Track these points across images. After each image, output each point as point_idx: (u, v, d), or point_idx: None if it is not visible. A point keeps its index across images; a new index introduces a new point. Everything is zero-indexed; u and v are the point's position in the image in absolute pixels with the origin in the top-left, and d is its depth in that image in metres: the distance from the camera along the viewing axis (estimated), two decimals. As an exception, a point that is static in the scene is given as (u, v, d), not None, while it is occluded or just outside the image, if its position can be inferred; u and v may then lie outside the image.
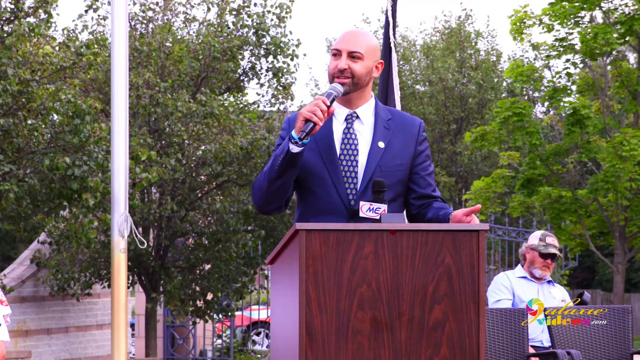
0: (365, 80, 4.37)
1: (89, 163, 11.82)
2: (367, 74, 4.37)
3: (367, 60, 4.36)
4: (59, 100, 11.79)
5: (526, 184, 18.89)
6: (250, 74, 16.59)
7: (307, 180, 4.36)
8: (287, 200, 4.43)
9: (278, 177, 4.28)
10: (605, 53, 18.65)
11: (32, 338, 15.92)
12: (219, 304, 16.68)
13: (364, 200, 4.29)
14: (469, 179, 30.25)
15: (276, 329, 4.25)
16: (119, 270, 5.94)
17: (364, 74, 4.36)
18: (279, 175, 4.28)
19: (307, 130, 4.19)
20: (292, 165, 4.25)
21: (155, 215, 15.18)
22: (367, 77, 4.38)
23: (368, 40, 4.39)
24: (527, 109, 18.56)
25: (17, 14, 12.10)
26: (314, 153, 4.34)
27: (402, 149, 4.38)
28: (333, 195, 4.33)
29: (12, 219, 12.48)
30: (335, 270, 3.80)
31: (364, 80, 4.37)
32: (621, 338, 7.71)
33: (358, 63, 4.35)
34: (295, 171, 4.30)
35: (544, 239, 8.29)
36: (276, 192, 4.33)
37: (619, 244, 19.11)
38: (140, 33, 15.79)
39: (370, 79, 4.40)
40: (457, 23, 31.50)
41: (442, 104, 30.61)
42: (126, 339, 5.99)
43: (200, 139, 15.42)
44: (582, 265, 30.28)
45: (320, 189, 4.35)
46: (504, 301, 8.11)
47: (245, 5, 16.21)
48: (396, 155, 4.36)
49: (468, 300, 3.85)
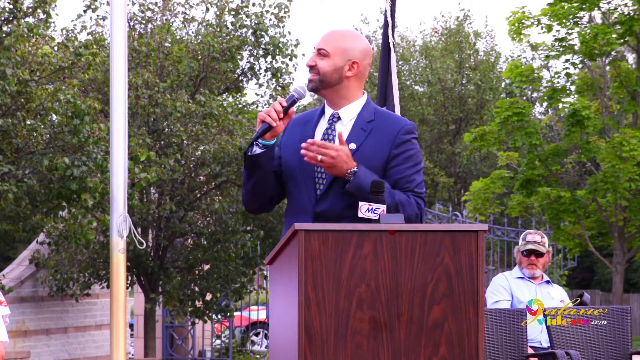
0: (333, 78, 4.39)
1: (88, 163, 11.81)
2: (334, 72, 4.38)
3: (334, 58, 4.38)
4: (57, 100, 11.78)
5: (525, 184, 18.88)
6: (249, 74, 16.58)
7: (287, 181, 4.45)
8: (271, 200, 4.49)
9: (248, 178, 4.40)
10: (605, 53, 18.66)
11: (30, 338, 15.91)
12: (217, 305, 16.68)
13: (325, 201, 4.32)
14: (467, 179, 30.27)
15: (275, 329, 4.25)
16: (118, 271, 5.94)
17: (330, 72, 4.38)
18: (248, 177, 4.40)
19: (260, 132, 4.30)
20: (256, 166, 4.36)
21: (154, 215, 15.17)
22: (335, 75, 4.39)
23: (342, 39, 4.42)
24: (526, 109, 18.56)
25: (15, 14, 12.09)
26: (297, 154, 4.38)
27: (375, 152, 4.35)
28: (302, 195, 4.38)
29: (11, 220, 12.48)
30: (334, 271, 3.80)
31: (331, 77, 4.38)
32: (620, 338, 7.71)
33: (324, 60, 4.39)
34: (264, 172, 4.38)
35: (525, 237, 8.30)
36: (253, 192, 4.43)
37: (617, 244, 19.11)
38: (139, 33, 15.79)
39: (342, 78, 4.40)
40: (455, 24, 31.52)
41: (441, 104, 30.62)
42: (125, 339, 5.99)
43: (199, 139, 15.41)
44: (581, 265, 30.29)
45: (295, 190, 4.42)
46: (502, 302, 8.11)
47: (244, 5, 16.21)
48: (366, 157, 4.33)
49: (467, 301, 3.85)
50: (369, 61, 4.47)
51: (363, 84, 4.50)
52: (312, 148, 4.26)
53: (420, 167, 4.39)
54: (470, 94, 30.61)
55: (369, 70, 4.59)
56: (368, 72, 4.52)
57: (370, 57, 4.47)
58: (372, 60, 4.55)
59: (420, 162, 4.40)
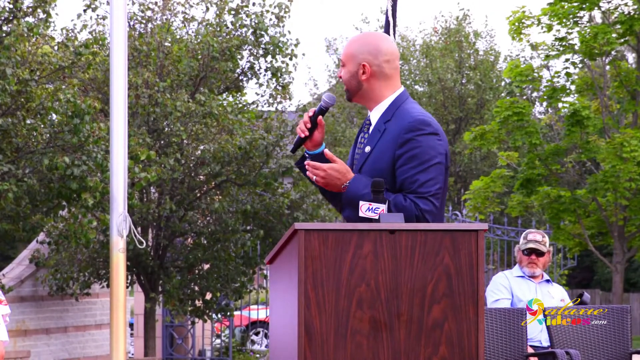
0: (352, 85, 4.43)
1: (88, 163, 11.81)
2: (351, 79, 4.43)
3: (349, 66, 4.43)
4: (58, 100, 11.78)
5: (525, 183, 18.88)
6: (249, 73, 16.58)
7: None
8: None
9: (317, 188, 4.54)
10: (605, 53, 18.65)
11: (30, 338, 15.91)
12: (217, 304, 16.68)
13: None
14: (468, 178, 30.26)
15: (275, 328, 4.25)
16: (118, 270, 5.94)
17: (348, 80, 4.44)
18: (316, 186, 4.52)
19: (295, 144, 4.45)
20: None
21: (154, 215, 15.17)
22: (354, 81, 4.42)
23: (350, 45, 4.47)
24: (526, 109, 18.55)
25: (15, 14, 12.09)
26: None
27: (383, 153, 4.33)
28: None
29: (11, 219, 12.48)
30: (334, 270, 3.80)
31: (352, 85, 4.44)
32: (620, 338, 7.71)
33: (343, 70, 4.47)
34: None
35: (526, 236, 8.32)
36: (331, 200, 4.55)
37: (617, 243, 19.11)
38: (139, 33, 15.78)
39: (360, 82, 4.41)
40: (455, 23, 31.52)
41: (441, 104, 30.62)
42: (125, 338, 5.99)
43: (199, 139, 15.42)
44: (581, 265, 30.29)
45: None
46: (502, 301, 8.11)
47: (244, 4, 16.21)
48: (377, 159, 4.34)
49: (467, 300, 3.85)
50: (384, 58, 4.39)
51: (391, 82, 4.42)
52: (308, 169, 4.35)
53: (427, 165, 4.24)
54: (470, 94, 30.61)
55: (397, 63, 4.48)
56: (392, 68, 4.43)
57: (384, 54, 4.40)
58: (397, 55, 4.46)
59: (429, 160, 4.25)
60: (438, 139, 4.31)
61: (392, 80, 4.42)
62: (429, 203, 4.23)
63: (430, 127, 4.30)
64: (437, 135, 4.31)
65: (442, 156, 4.30)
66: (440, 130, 4.35)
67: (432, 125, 4.31)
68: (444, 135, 4.37)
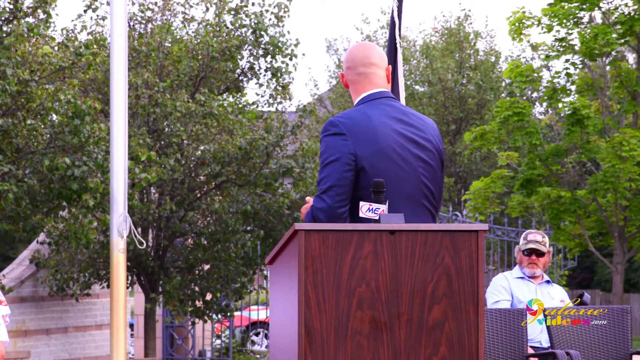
0: (351, 94, 4.65)
1: (89, 163, 11.82)
2: (348, 89, 4.68)
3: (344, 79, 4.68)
4: (58, 100, 11.79)
5: (525, 184, 18.87)
6: (249, 73, 16.58)
7: None
8: None
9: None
10: (605, 53, 18.65)
11: (31, 338, 15.91)
12: (218, 304, 16.68)
13: None
14: (468, 179, 30.26)
15: (275, 329, 4.25)
16: (118, 271, 5.94)
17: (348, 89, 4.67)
18: None
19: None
20: None
21: (154, 215, 15.17)
22: (349, 91, 4.65)
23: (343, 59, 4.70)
24: (526, 109, 18.54)
25: (16, 14, 12.09)
26: None
27: None
28: None
29: (12, 219, 12.48)
30: (335, 270, 3.80)
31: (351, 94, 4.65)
32: (620, 338, 7.71)
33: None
34: None
35: (526, 236, 8.32)
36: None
37: (618, 244, 19.10)
38: (139, 33, 15.79)
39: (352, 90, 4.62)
40: (456, 23, 31.51)
41: (441, 104, 30.62)
42: (125, 339, 5.99)
43: (199, 139, 15.42)
44: (581, 265, 30.29)
45: None
46: (502, 302, 8.11)
47: (244, 5, 16.21)
48: None
49: (467, 300, 3.85)
50: (346, 65, 4.59)
51: (357, 87, 4.57)
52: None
53: (323, 164, 4.31)
54: (471, 94, 30.60)
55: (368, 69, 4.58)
56: (355, 74, 4.57)
57: (346, 62, 4.61)
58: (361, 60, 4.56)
59: (325, 159, 4.31)
60: (343, 139, 4.32)
61: (358, 84, 4.57)
62: (320, 201, 4.29)
63: (337, 127, 4.35)
64: (342, 135, 4.32)
65: (342, 154, 4.29)
66: (355, 130, 4.33)
67: (338, 126, 4.34)
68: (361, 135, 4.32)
